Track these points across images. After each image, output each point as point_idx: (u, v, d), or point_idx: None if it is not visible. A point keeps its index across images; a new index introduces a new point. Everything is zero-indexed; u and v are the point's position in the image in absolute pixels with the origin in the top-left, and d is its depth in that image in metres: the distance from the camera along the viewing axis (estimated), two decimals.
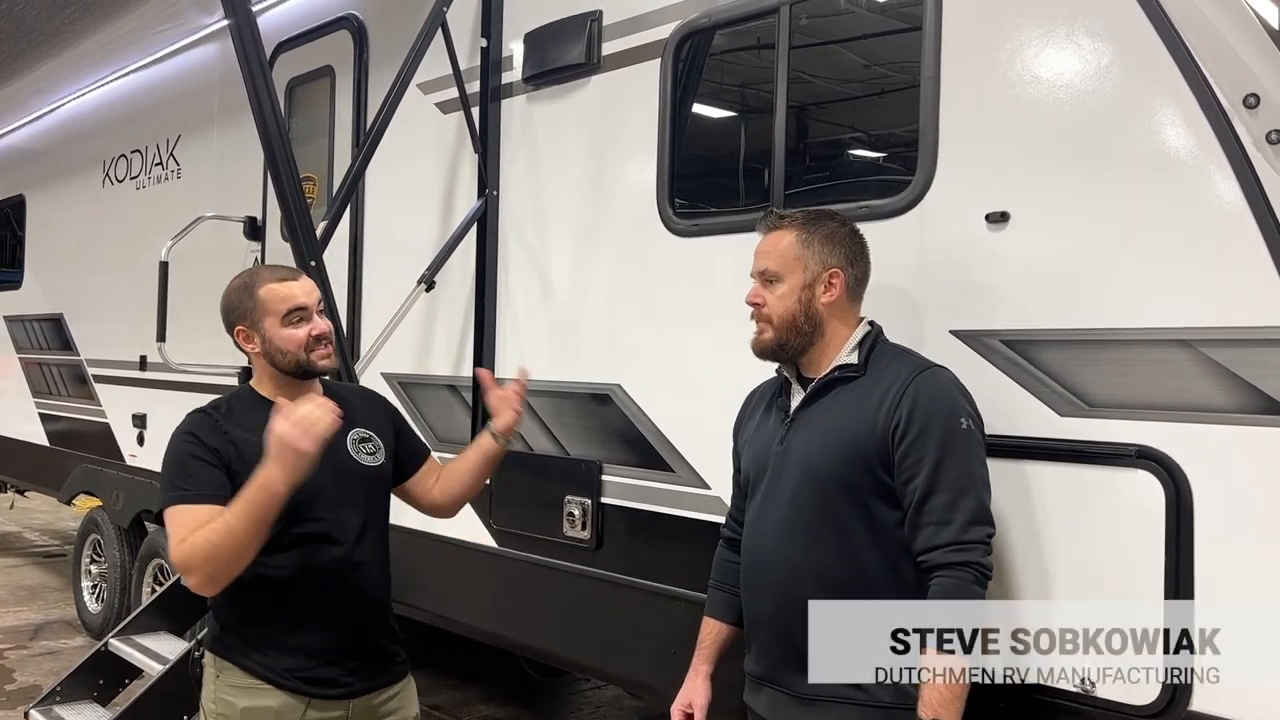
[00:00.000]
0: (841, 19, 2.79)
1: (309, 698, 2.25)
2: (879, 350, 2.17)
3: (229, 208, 4.80)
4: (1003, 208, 2.26)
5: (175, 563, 2.10)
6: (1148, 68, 2.08)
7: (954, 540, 1.97)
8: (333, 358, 2.36)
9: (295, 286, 2.36)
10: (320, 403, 2.06)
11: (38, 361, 6.89)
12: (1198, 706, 1.97)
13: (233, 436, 2.25)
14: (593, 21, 3.23)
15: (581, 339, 3.29)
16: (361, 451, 2.38)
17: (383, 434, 2.46)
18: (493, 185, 3.58)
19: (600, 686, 5.34)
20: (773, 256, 2.20)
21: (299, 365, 2.33)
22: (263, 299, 2.34)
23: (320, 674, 2.26)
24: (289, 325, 2.32)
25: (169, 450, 2.26)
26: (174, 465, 2.22)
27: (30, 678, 5.33)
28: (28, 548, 8.82)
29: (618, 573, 3.11)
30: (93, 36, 5.33)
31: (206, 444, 2.22)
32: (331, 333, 2.38)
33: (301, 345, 2.32)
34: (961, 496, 1.99)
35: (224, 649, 2.30)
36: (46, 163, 7.01)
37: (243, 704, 2.24)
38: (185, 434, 2.27)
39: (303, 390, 2.34)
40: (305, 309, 2.32)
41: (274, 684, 2.24)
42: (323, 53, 4.36)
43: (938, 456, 2.00)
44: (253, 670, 2.25)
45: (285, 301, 2.32)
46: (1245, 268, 1.93)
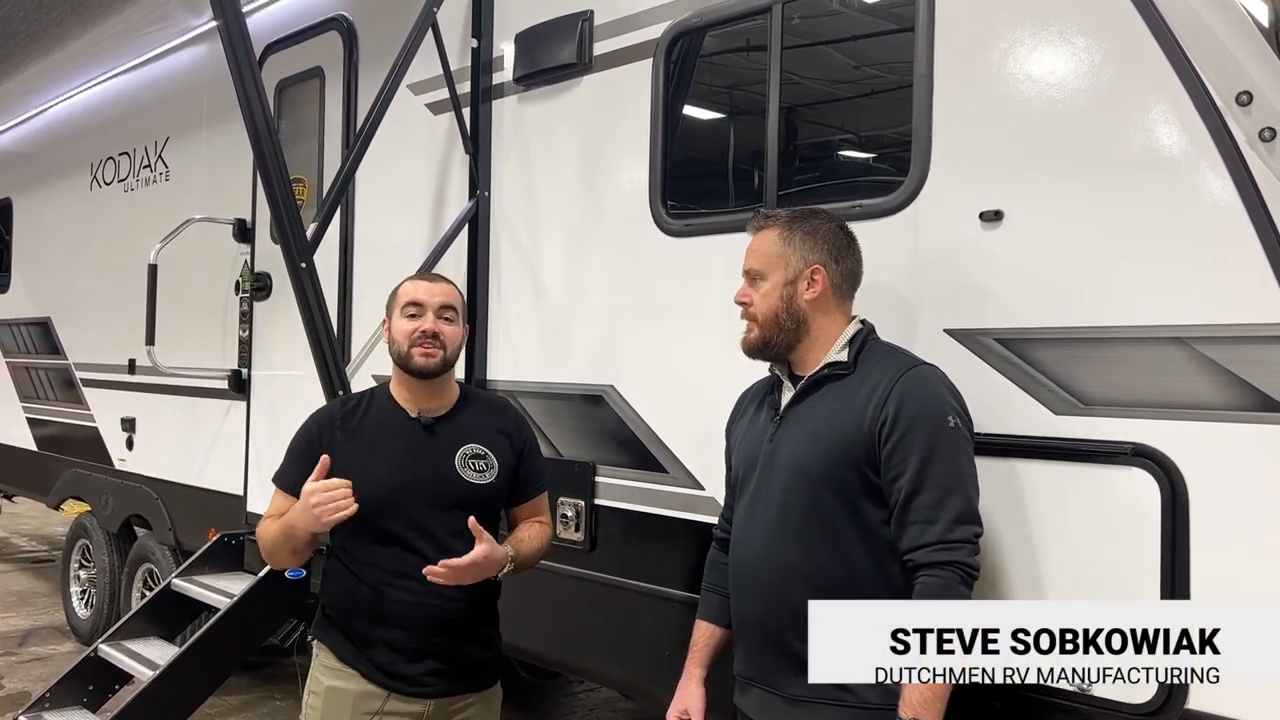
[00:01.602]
0: (833, 19, 2.78)
1: (389, 690, 2.36)
2: (869, 348, 2.17)
3: (218, 210, 4.77)
4: (996, 206, 2.25)
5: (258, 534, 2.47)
6: (1141, 66, 2.08)
7: (940, 539, 1.97)
8: (435, 359, 2.40)
9: (421, 285, 2.49)
10: (342, 494, 2.27)
11: (25, 366, 6.85)
12: (1194, 705, 1.97)
13: (346, 434, 2.42)
14: (584, 22, 3.22)
15: (574, 340, 3.28)
16: (469, 468, 2.42)
17: (500, 453, 2.47)
18: (484, 186, 3.57)
19: (594, 689, 5.33)
20: (757, 255, 2.21)
21: (400, 356, 2.43)
22: (397, 293, 2.51)
23: (402, 670, 2.36)
24: (404, 317, 2.44)
25: (298, 430, 2.51)
26: (290, 449, 2.49)
27: (19, 684, 5.29)
28: (15, 553, 8.76)
29: (612, 574, 3.10)
30: (80, 38, 5.29)
31: (317, 438, 2.43)
32: (448, 337, 2.43)
33: (407, 337, 2.41)
34: (948, 495, 1.98)
35: (321, 632, 2.47)
36: (33, 165, 6.97)
37: (329, 683, 2.40)
38: (307, 424, 2.50)
39: (427, 393, 2.46)
40: (421, 305, 2.42)
41: (359, 671, 2.37)
42: (312, 54, 4.35)
43: (924, 454, 1.99)
44: (341, 655, 2.40)
45: (406, 295, 2.47)
46: (1239, 265, 1.94)
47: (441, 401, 2.48)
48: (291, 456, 2.46)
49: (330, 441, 2.41)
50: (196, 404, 4.91)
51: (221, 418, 4.76)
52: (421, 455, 2.41)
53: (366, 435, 2.42)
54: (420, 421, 2.44)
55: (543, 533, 2.55)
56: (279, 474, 2.48)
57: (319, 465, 2.31)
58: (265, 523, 2.43)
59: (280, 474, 2.47)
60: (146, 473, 5.34)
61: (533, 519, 2.56)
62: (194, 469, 4.96)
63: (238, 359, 4.67)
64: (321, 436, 2.43)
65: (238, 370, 4.64)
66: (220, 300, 4.83)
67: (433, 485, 2.38)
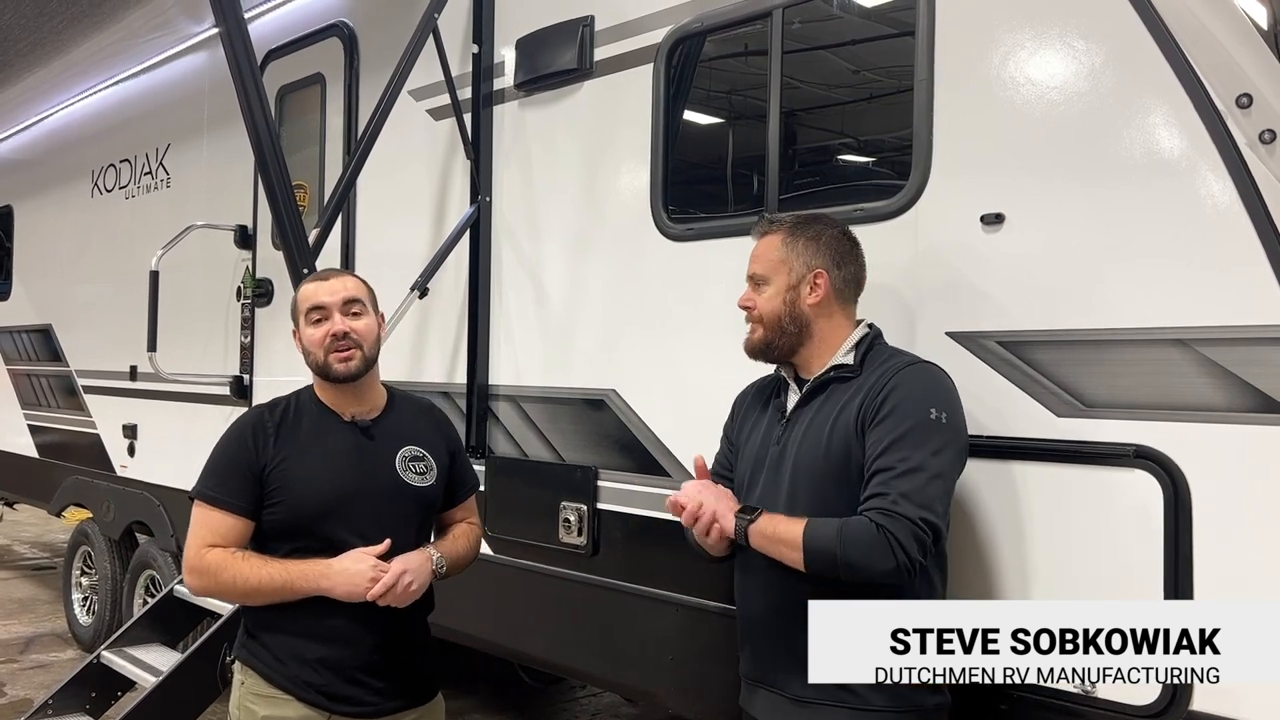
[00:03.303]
0: (834, 23, 2.79)
1: (329, 713, 2.21)
2: (875, 351, 2.18)
3: (219, 216, 4.78)
4: (997, 209, 2.26)
5: (186, 560, 2.23)
6: (1141, 69, 2.09)
7: (884, 507, 1.94)
8: (354, 360, 2.27)
9: (320, 285, 2.32)
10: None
11: (26, 373, 6.85)
12: (1198, 706, 1.97)
13: (281, 442, 2.26)
14: (585, 27, 3.23)
15: (576, 344, 3.29)
16: (410, 470, 2.32)
17: (437, 455, 2.38)
18: (485, 191, 3.58)
19: (597, 693, 5.32)
20: (761, 260, 2.24)
21: (318, 365, 2.29)
22: (297, 299, 2.35)
23: (342, 691, 2.22)
24: (310, 324, 2.30)
25: (221, 441, 2.32)
26: (217, 461, 2.29)
27: (21, 691, 5.28)
28: (17, 561, 8.75)
29: (614, 579, 3.10)
30: (80, 46, 5.30)
31: (252, 448, 2.25)
32: (361, 333, 2.28)
33: (319, 344, 2.27)
34: (904, 476, 1.95)
35: (248, 655, 2.28)
36: (34, 173, 6.97)
37: (263, 712, 2.22)
38: (237, 432, 2.30)
39: (355, 396, 2.33)
40: (324, 307, 2.28)
41: (295, 695, 2.21)
42: (313, 60, 4.35)
43: (895, 436, 1.99)
44: (274, 680, 2.23)
45: (307, 299, 2.31)
46: (1241, 267, 1.94)
47: (373, 404, 2.36)
48: (226, 470, 2.25)
49: (264, 449, 2.24)
50: (198, 410, 4.91)
51: (223, 424, 4.73)
52: (363, 459, 2.28)
53: (303, 441, 2.26)
54: (357, 425, 2.32)
55: (475, 533, 2.49)
56: (211, 489, 2.24)
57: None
58: (222, 556, 2.17)
59: (214, 489, 2.23)
60: (148, 479, 5.34)
61: (464, 520, 2.50)
62: (196, 475, 4.94)
63: (239, 365, 4.67)
64: (256, 443, 2.25)
65: (239, 376, 4.64)
66: (222, 306, 4.83)
67: (377, 490, 2.27)
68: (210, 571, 2.18)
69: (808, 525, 2.00)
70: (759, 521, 2.06)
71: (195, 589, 2.24)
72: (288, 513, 2.23)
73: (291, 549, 2.22)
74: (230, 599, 2.28)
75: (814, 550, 1.97)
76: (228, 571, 2.17)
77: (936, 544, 1.99)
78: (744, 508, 2.11)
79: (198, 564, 2.20)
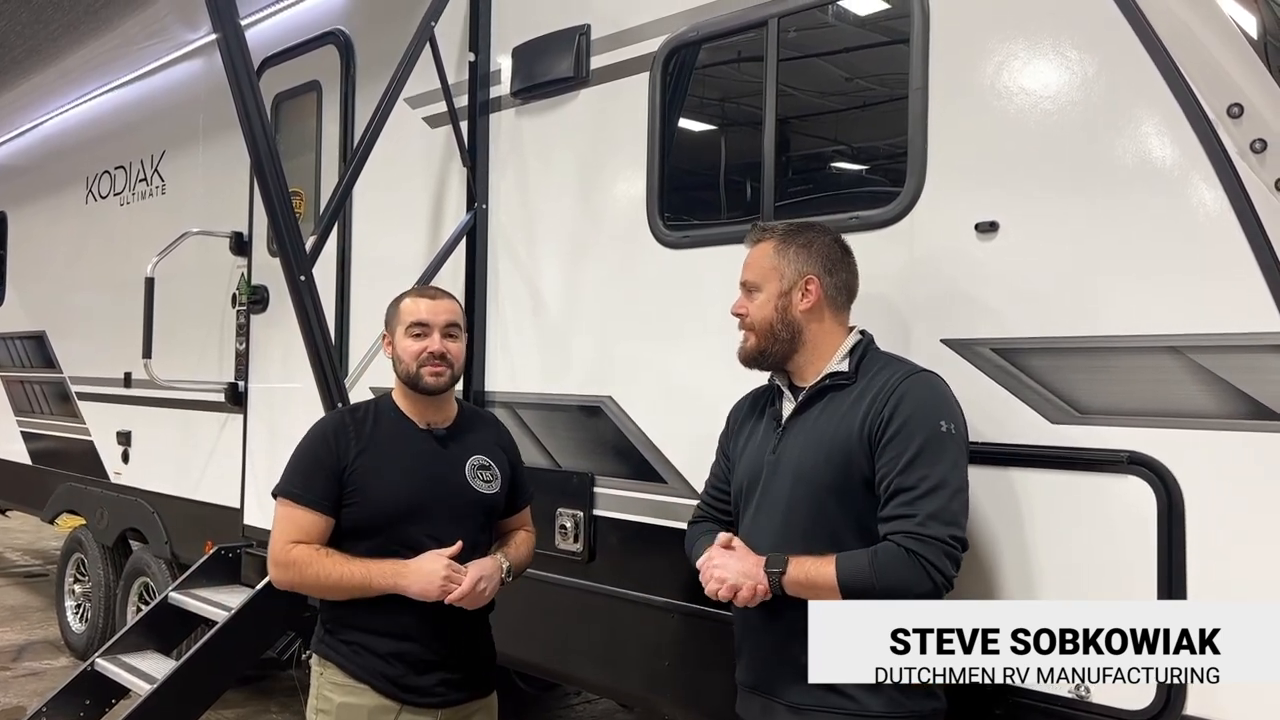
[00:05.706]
0: (828, 32, 2.81)
1: (402, 703, 2.38)
2: (870, 358, 2.19)
3: (214, 223, 4.78)
4: (992, 217, 2.28)
5: (272, 554, 2.40)
6: (1133, 79, 2.11)
7: (912, 530, 1.96)
8: (444, 378, 2.45)
9: (425, 303, 2.50)
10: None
11: (20, 379, 6.83)
12: (1192, 710, 1.98)
13: (361, 444, 2.42)
14: (581, 35, 3.24)
15: (572, 351, 3.29)
16: (479, 478, 2.50)
17: (501, 465, 2.56)
18: (482, 199, 3.58)
19: (592, 700, 5.32)
20: (753, 268, 2.25)
21: (408, 376, 2.46)
22: (399, 310, 2.52)
23: (414, 682, 2.39)
24: (409, 337, 2.47)
25: (303, 442, 2.47)
26: (300, 461, 2.44)
27: (14, 699, 5.26)
28: (9, 568, 8.72)
29: (610, 585, 3.10)
30: (76, 53, 5.31)
31: (334, 449, 2.41)
32: (454, 355, 2.47)
33: (414, 357, 2.44)
34: (927, 495, 1.97)
35: (327, 649, 2.44)
36: (28, 179, 6.97)
37: (340, 700, 2.39)
38: (320, 433, 2.47)
39: (433, 407, 2.51)
40: (426, 325, 2.46)
41: (370, 685, 2.38)
42: (309, 68, 4.36)
43: (913, 453, 2.00)
44: (351, 671, 2.40)
45: (410, 314, 2.49)
46: (1232, 275, 1.96)
47: (446, 414, 2.54)
48: (310, 469, 2.41)
49: (346, 451, 2.41)
50: (193, 417, 4.90)
51: (218, 430, 4.76)
52: (437, 466, 2.47)
53: (382, 445, 2.44)
54: (433, 433, 2.50)
55: (531, 541, 2.68)
56: (296, 488, 2.40)
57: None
58: (307, 551, 2.35)
59: (299, 488, 2.39)
60: (142, 486, 5.33)
61: (521, 528, 2.67)
62: (190, 482, 4.95)
63: (234, 372, 4.67)
64: (337, 444, 2.41)
65: (234, 383, 4.64)
66: (217, 313, 4.83)
67: (450, 495, 2.45)
68: (295, 566, 2.35)
69: (838, 564, 2.00)
70: (789, 571, 2.04)
71: (279, 582, 2.40)
72: (364, 512, 2.39)
73: (368, 547, 2.38)
74: (312, 593, 2.45)
75: (850, 589, 1.98)
76: (311, 567, 2.34)
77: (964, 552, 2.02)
78: (769, 559, 2.08)
79: (283, 558, 2.36)
